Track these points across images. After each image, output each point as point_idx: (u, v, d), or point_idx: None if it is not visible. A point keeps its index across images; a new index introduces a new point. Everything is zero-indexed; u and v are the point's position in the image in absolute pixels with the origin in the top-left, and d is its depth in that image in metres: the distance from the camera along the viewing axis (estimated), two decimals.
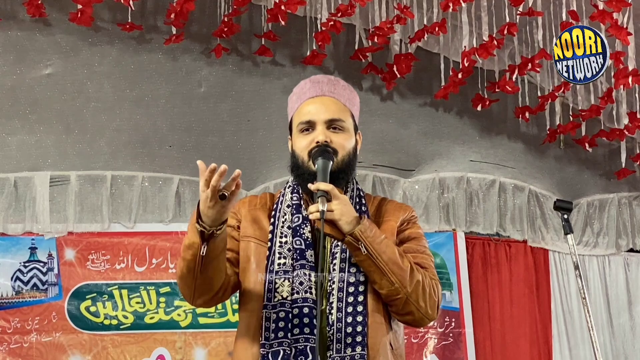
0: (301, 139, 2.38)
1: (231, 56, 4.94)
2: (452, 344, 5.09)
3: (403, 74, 4.95)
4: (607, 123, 5.29)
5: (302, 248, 2.30)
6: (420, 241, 2.42)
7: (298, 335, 2.21)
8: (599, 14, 4.30)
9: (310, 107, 2.39)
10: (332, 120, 2.36)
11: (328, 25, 4.58)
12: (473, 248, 5.28)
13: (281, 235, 2.33)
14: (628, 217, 5.66)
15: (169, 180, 4.86)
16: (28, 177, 4.67)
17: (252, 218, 2.40)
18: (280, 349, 2.20)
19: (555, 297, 5.38)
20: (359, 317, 2.23)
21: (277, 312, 2.24)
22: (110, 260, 4.73)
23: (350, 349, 2.21)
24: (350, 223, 2.20)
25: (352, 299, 2.25)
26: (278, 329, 2.22)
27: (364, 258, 2.22)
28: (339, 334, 2.22)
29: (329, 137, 2.33)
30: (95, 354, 4.59)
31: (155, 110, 4.86)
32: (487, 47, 4.60)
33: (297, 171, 2.39)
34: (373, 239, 2.21)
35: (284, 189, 2.46)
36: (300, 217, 2.34)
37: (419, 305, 2.26)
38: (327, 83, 2.43)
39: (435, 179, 5.28)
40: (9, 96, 4.69)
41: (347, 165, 2.36)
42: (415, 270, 2.28)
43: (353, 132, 2.42)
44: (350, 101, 2.45)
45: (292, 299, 2.24)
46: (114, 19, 4.73)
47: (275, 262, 2.29)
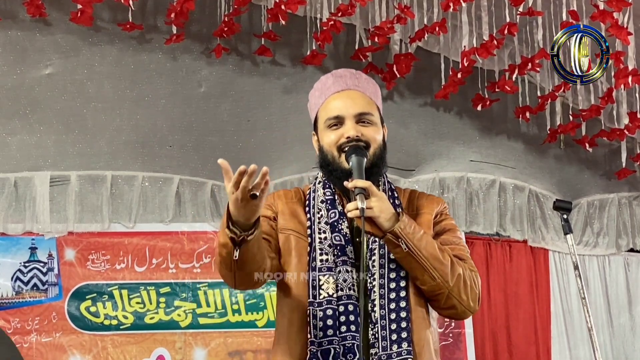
0: (329, 134, 2.34)
1: (231, 56, 4.93)
2: (452, 344, 5.08)
3: (403, 74, 4.95)
4: (607, 123, 5.28)
5: (342, 244, 2.27)
6: (455, 232, 2.40)
7: (345, 333, 2.19)
8: (599, 13, 4.30)
9: (338, 102, 2.36)
10: (361, 114, 2.34)
11: (328, 25, 4.58)
12: (473, 248, 5.27)
13: (320, 231, 2.30)
14: (628, 217, 5.66)
15: (169, 180, 4.85)
16: (28, 177, 4.67)
17: (290, 211, 2.37)
18: (330, 348, 2.18)
19: (555, 297, 5.38)
20: (402, 313, 2.22)
21: (324, 310, 2.21)
22: (110, 260, 4.73)
23: (397, 346, 2.19)
24: (390, 220, 2.18)
25: (394, 295, 2.23)
26: (327, 326, 2.19)
27: (405, 255, 2.19)
28: (383, 331, 2.21)
29: (359, 132, 2.31)
30: (95, 354, 4.59)
31: (155, 110, 4.86)
32: (487, 47, 4.60)
33: (327, 168, 2.35)
34: (413, 235, 2.19)
35: (314, 185, 2.42)
36: (337, 212, 2.31)
37: (461, 298, 2.24)
38: (350, 77, 2.41)
39: (435, 179, 5.28)
40: (9, 96, 4.69)
41: (379, 158, 2.34)
42: (456, 263, 2.25)
43: (380, 125, 2.41)
44: (375, 94, 2.44)
45: (338, 296, 2.22)
46: (114, 18, 4.72)
47: (317, 258, 2.26)
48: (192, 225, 4.83)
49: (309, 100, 2.49)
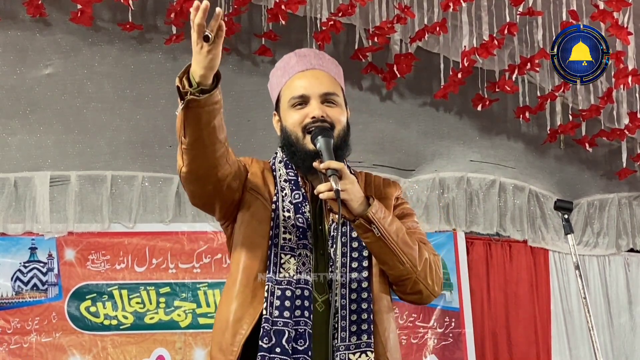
0: (292, 113, 2.27)
1: (231, 56, 4.93)
2: (452, 344, 5.08)
3: (403, 74, 4.95)
4: (607, 123, 5.29)
5: (304, 227, 2.21)
6: (413, 217, 2.35)
7: (299, 318, 2.13)
8: (599, 13, 4.31)
9: (302, 81, 2.29)
10: (326, 94, 2.28)
11: (328, 25, 4.58)
12: (473, 248, 5.27)
13: (284, 209, 2.23)
14: (628, 217, 5.65)
15: (169, 180, 4.85)
16: (28, 177, 4.67)
17: (262, 177, 2.29)
18: (285, 330, 2.10)
19: (555, 297, 5.38)
20: (363, 304, 2.16)
21: (283, 290, 2.14)
22: (110, 260, 4.72)
23: (356, 337, 2.14)
24: (362, 204, 2.11)
25: (355, 285, 2.18)
26: (284, 307, 2.12)
27: (375, 240, 2.12)
28: (343, 322, 2.15)
29: (324, 112, 2.25)
30: (95, 354, 4.59)
31: (155, 110, 4.86)
32: (487, 47, 4.60)
33: (290, 148, 2.27)
34: (385, 220, 2.13)
35: (273, 164, 2.34)
36: (301, 194, 2.25)
37: (427, 283, 2.20)
38: (315, 56, 2.35)
39: (435, 179, 5.28)
40: (9, 96, 4.69)
41: (343, 140, 2.27)
42: (423, 248, 2.21)
43: (344, 107, 2.35)
44: (339, 75, 2.38)
45: (297, 279, 2.15)
46: (114, 18, 4.73)
47: (280, 235, 2.19)
48: (192, 225, 4.82)
49: (269, 80, 2.42)
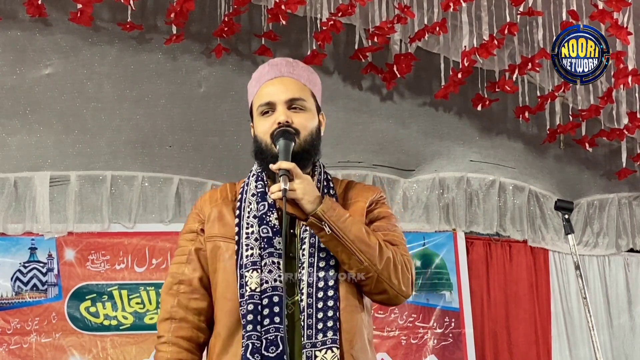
0: (262, 122, 2.31)
1: (231, 56, 4.93)
2: (451, 344, 5.08)
3: (403, 74, 4.95)
4: (607, 123, 5.29)
5: (270, 236, 2.24)
6: (390, 219, 2.37)
7: (268, 326, 2.16)
8: (599, 13, 4.31)
9: (270, 89, 2.32)
10: (292, 99, 2.30)
11: (328, 25, 4.58)
12: (473, 248, 5.28)
13: (247, 225, 2.28)
14: (628, 217, 5.66)
15: (169, 180, 4.85)
16: (28, 177, 4.66)
17: (217, 215, 2.34)
18: (249, 343, 2.15)
19: (555, 297, 5.38)
20: (329, 301, 2.19)
21: (245, 306, 2.19)
22: (110, 260, 4.72)
23: (322, 335, 2.17)
24: (313, 202, 2.15)
25: (322, 284, 2.21)
26: (248, 322, 2.17)
27: (330, 238, 2.16)
28: (309, 320, 2.18)
29: (290, 118, 2.27)
30: (94, 354, 4.58)
31: (155, 110, 4.85)
32: (487, 47, 4.60)
33: (261, 155, 2.32)
34: (337, 218, 2.17)
35: (248, 178, 2.40)
36: (266, 204, 2.28)
37: (392, 282, 2.21)
38: (286, 65, 2.38)
39: (435, 179, 5.28)
40: (9, 96, 4.69)
41: (310, 145, 2.30)
42: (385, 247, 2.22)
43: (315, 112, 2.36)
44: (311, 81, 2.39)
45: (262, 290, 2.19)
46: (114, 18, 4.73)
47: (242, 255, 2.24)
48: None
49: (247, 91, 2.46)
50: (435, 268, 5.14)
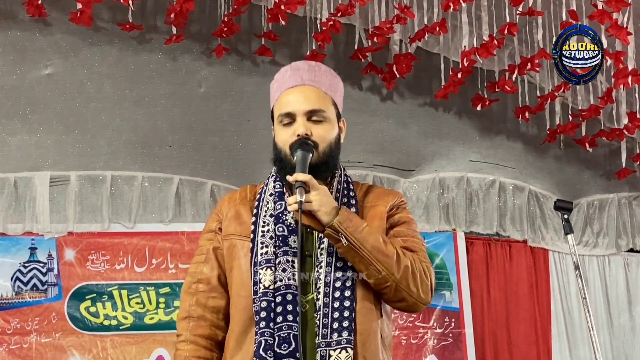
0: (282, 131, 2.32)
1: (231, 56, 4.94)
2: (451, 344, 5.08)
3: (403, 74, 4.95)
4: (607, 123, 5.29)
5: (285, 234, 2.27)
6: (410, 225, 2.38)
7: (281, 324, 2.18)
8: (598, 13, 4.31)
9: (290, 97, 2.33)
10: (312, 111, 2.31)
11: (328, 25, 4.58)
12: (473, 248, 5.28)
13: (263, 224, 2.30)
14: (628, 217, 5.66)
15: (169, 180, 4.85)
16: (28, 177, 4.66)
17: (234, 214, 2.37)
18: (262, 339, 2.17)
19: (555, 297, 5.38)
20: (346, 302, 2.20)
21: (260, 303, 2.21)
22: (110, 260, 4.72)
23: (337, 334, 2.18)
24: (329, 214, 2.17)
25: (339, 284, 2.22)
26: (261, 319, 2.19)
27: (347, 249, 2.18)
28: (325, 319, 2.19)
29: (309, 130, 2.28)
30: (94, 354, 4.58)
31: (155, 110, 4.86)
32: (487, 47, 4.60)
33: (280, 164, 2.34)
34: (354, 229, 2.18)
35: (267, 179, 2.42)
36: (283, 204, 2.31)
37: (411, 290, 2.22)
38: (308, 70, 2.37)
39: (435, 179, 5.28)
40: (9, 96, 4.69)
41: (328, 156, 2.32)
42: (402, 255, 2.23)
43: (335, 121, 2.37)
44: (332, 88, 2.39)
45: (275, 287, 2.21)
46: (114, 19, 4.73)
47: (257, 253, 2.26)
48: (192, 225, 4.82)
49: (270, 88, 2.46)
50: (436, 268, 5.14)
